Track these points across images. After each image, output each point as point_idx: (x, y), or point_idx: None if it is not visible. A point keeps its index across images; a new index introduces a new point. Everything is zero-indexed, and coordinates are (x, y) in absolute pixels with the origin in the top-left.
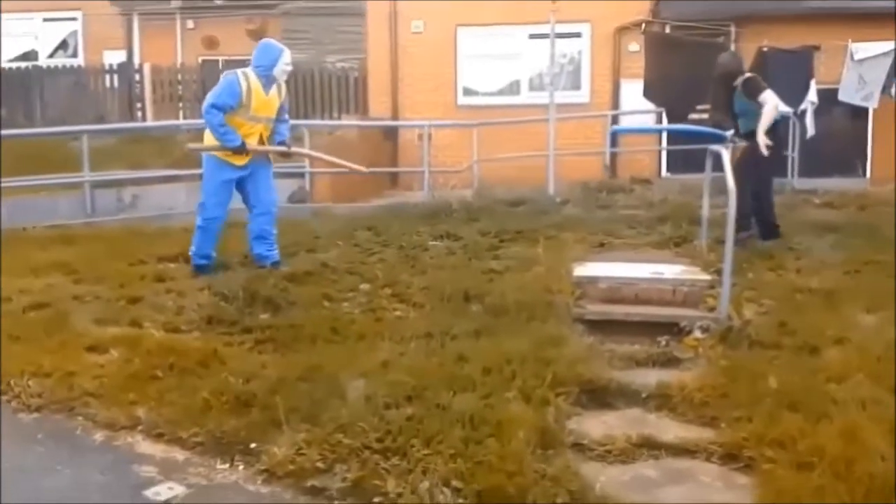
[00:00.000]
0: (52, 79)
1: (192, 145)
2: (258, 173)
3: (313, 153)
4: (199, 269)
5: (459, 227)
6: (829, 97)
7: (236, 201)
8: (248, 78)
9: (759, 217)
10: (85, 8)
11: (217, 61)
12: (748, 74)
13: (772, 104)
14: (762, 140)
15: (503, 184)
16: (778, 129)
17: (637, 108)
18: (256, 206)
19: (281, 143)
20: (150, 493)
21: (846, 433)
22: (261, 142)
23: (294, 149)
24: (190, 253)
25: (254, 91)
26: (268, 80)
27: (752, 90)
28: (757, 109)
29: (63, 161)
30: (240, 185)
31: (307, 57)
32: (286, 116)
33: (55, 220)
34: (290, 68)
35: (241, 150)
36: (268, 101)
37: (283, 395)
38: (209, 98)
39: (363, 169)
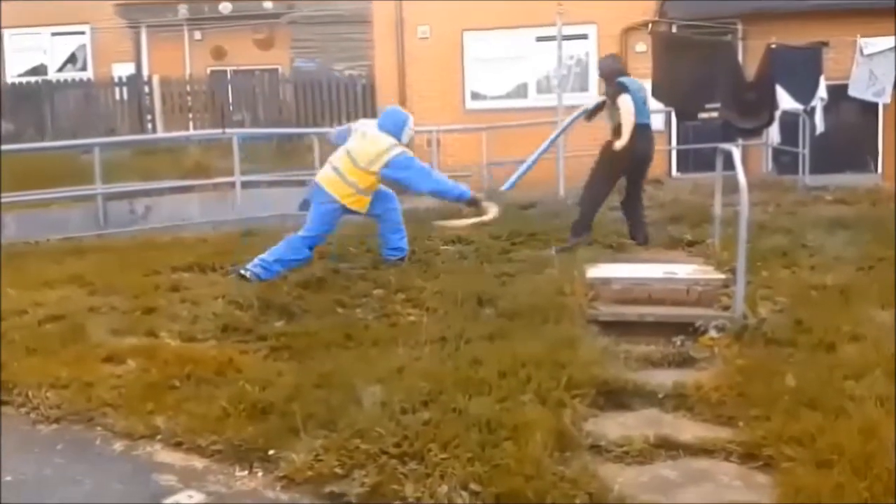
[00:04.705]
0: (62, 93)
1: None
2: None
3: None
4: (256, 278)
5: (470, 230)
6: (838, 93)
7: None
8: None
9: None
10: (93, 21)
11: (225, 71)
12: (617, 81)
13: (627, 109)
14: (622, 143)
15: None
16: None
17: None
18: (392, 198)
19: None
20: (169, 501)
21: (865, 430)
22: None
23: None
24: (259, 260)
25: None
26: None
27: (612, 95)
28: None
29: (75, 174)
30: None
31: (315, 65)
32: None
33: (68, 233)
34: (413, 132)
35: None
36: None
37: (299, 401)
38: (424, 174)
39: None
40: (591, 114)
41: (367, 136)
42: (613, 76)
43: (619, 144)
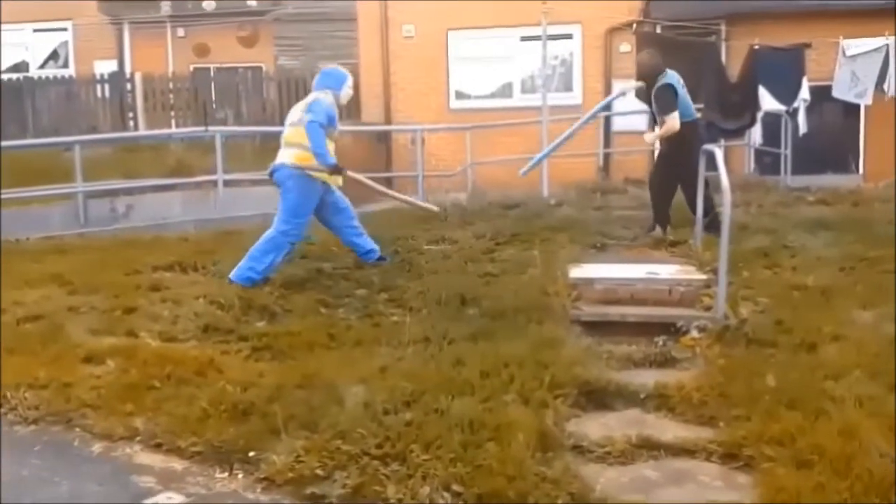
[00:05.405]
0: (44, 90)
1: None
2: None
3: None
4: (248, 282)
5: (454, 230)
6: (821, 94)
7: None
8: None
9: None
10: (75, 18)
11: (209, 69)
12: (664, 83)
13: (671, 124)
14: (650, 138)
15: (497, 187)
16: (696, 130)
17: (629, 108)
18: (346, 209)
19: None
20: (149, 503)
21: (845, 430)
22: None
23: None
24: (247, 269)
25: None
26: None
27: (663, 106)
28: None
29: (56, 172)
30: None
31: (299, 63)
32: None
33: (48, 232)
34: (352, 92)
35: (337, 170)
36: None
37: (281, 402)
38: (315, 117)
39: (433, 208)
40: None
41: (301, 102)
42: (655, 74)
43: (648, 138)
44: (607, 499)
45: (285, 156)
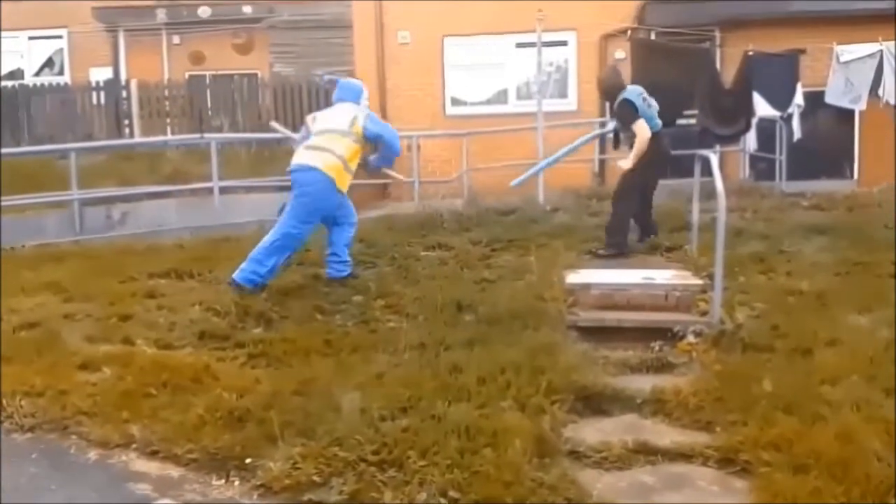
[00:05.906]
0: (39, 97)
1: None
2: None
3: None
4: (250, 283)
5: (451, 237)
6: (815, 100)
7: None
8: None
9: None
10: (70, 25)
11: (204, 76)
12: (622, 99)
13: (643, 136)
14: (627, 164)
15: (493, 193)
16: (660, 141)
17: None
18: (351, 211)
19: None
20: None
21: (841, 435)
22: None
23: None
24: (250, 271)
25: None
26: None
27: (624, 118)
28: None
29: (51, 179)
30: None
31: (294, 70)
32: None
33: (44, 239)
34: (368, 103)
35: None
36: None
37: (277, 409)
38: (396, 135)
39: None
40: (616, 142)
41: (332, 111)
42: (616, 91)
43: (623, 164)
44: None
45: (314, 158)
